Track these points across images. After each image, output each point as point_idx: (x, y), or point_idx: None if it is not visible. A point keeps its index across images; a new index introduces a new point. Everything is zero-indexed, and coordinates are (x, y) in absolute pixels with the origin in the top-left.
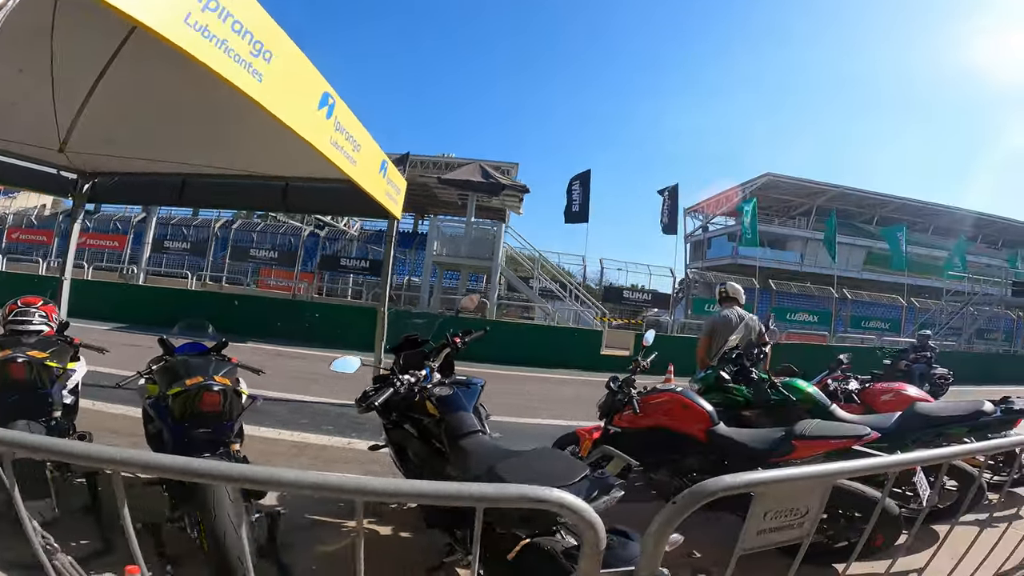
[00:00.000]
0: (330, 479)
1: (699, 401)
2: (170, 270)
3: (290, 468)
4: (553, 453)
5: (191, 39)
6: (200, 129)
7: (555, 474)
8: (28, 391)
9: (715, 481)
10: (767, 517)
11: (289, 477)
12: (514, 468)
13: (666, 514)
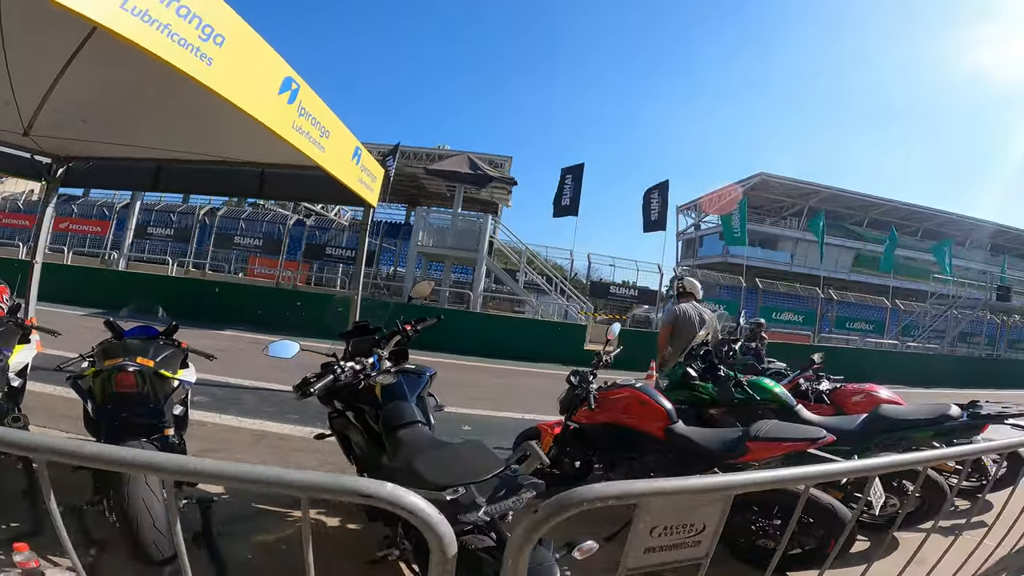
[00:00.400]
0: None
1: (658, 398)
2: (153, 256)
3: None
4: (477, 448)
5: (131, 26)
6: (173, 115)
7: (467, 469)
8: None
9: (586, 490)
10: (655, 533)
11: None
12: (431, 460)
13: (527, 524)
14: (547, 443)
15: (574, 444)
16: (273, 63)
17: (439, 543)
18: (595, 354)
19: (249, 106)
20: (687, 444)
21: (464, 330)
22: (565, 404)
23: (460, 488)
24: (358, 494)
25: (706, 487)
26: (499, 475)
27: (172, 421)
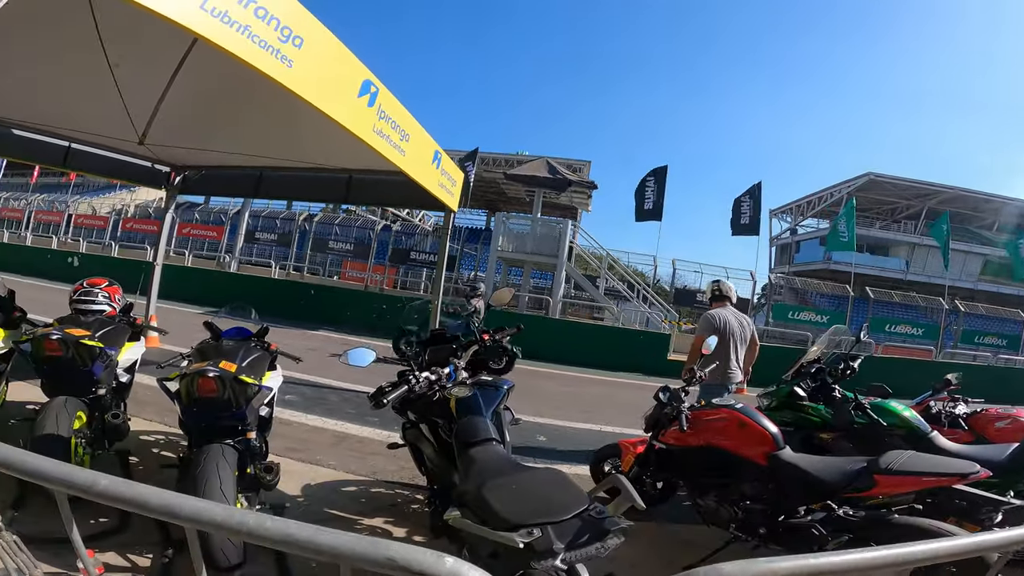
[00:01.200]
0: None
1: (761, 421)
2: (259, 260)
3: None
4: (556, 478)
5: (210, 26)
6: (270, 124)
7: (544, 505)
8: (69, 369)
9: (740, 569)
10: None
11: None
12: (504, 490)
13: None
14: (627, 461)
15: (659, 466)
16: (352, 66)
17: None
18: (684, 368)
19: (330, 108)
20: (794, 473)
21: (542, 337)
22: (651, 422)
23: (536, 530)
24: (409, 571)
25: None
26: (581, 514)
27: (255, 424)
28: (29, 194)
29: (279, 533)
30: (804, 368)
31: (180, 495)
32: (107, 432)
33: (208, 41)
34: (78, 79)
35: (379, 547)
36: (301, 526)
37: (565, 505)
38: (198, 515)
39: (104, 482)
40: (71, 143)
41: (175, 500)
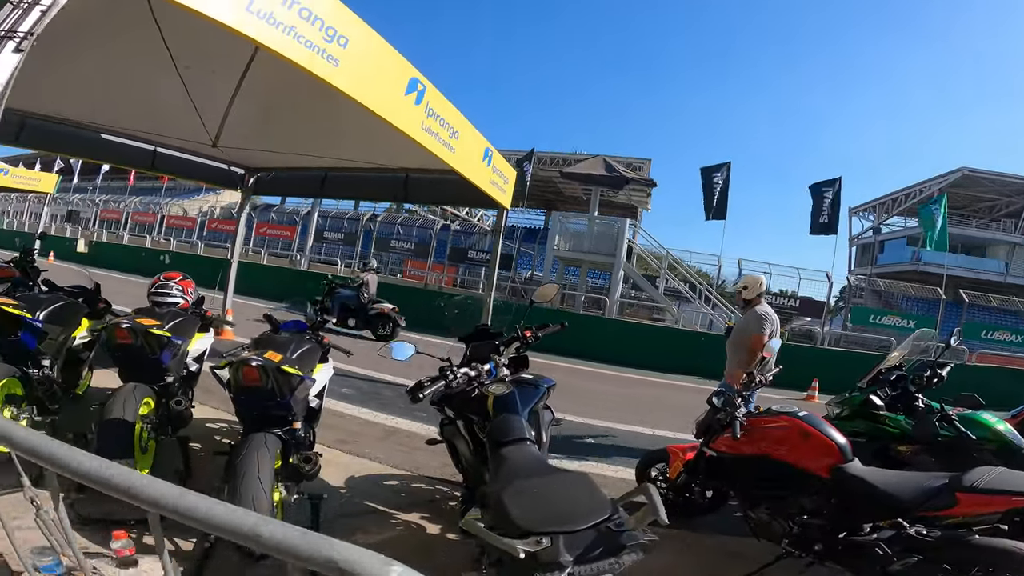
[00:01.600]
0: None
1: (827, 430)
2: (328, 258)
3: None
4: (581, 484)
5: (256, 26)
6: (331, 125)
7: (561, 511)
8: (138, 356)
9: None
10: None
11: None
12: (523, 493)
13: None
14: (676, 468)
15: (709, 474)
16: (398, 64)
17: None
18: (728, 370)
19: (377, 106)
20: (861, 488)
21: (599, 337)
22: (703, 428)
23: (544, 539)
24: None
25: None
26: (599, 525)
27: (302, 414)
28: (126, 196)
29: (223, 521)
30: (883, 375)
31: (147, 478)
32: (171, 419)
33: (254, 41)
34: (152, 85)
35: (322, 546)
36: (247, 515)
37: (584, 514)
38: (158, 499)
39: (84, 461)
40: (157, 147)
41: (138, 481)
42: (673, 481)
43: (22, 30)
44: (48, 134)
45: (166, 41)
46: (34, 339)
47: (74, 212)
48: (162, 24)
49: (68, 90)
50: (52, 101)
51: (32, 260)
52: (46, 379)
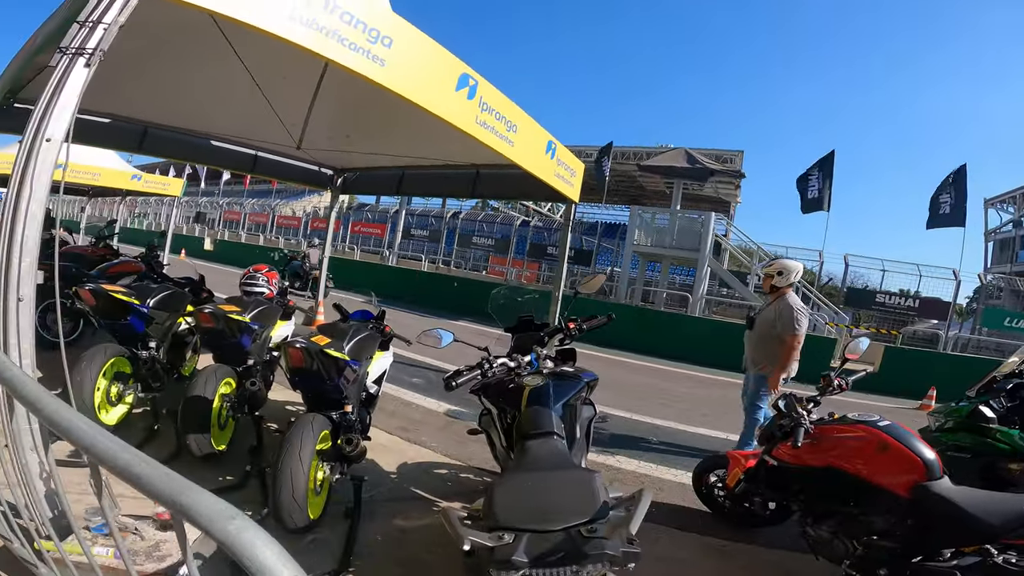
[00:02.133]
0: None
1: (911, 443)
2: (415, 254)
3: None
4: (579, 484)
5: (299, 33)
6: (401, 126)
7: (541, 509)
8: (220, 339)
9: None
10: None
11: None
12: (515, 487)
13: None
14: (734, 475)
15: (769, 484)
16: (446, 61)
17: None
18: (822, 375)
19: (428, 103)
20: (944, 509)
21: (681, 335)
22: (766, 434)
23: (507, 535)
24: (193, 520)
25: None
26: (571, 529)
27: (355, 398)
28: (244, 199)
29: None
30: (998, 383)
31: (99, 430)
32: (248, 399)
33: (298, 46)
34: (239, 95)
35: (175, 486)
36: (126, 448)
37: (561, 515)
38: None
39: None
40: (257, 152)
41: (79, 428)
42: (731, 489)
43: (89, 47)
44: (166, 141)
45: (238, 54)
46: (142, 323)
47: (201, 213)
48: (230, 38)
49: (177, 102)
50: (165, 112)
51: (156, 256)
52: (151, 360)
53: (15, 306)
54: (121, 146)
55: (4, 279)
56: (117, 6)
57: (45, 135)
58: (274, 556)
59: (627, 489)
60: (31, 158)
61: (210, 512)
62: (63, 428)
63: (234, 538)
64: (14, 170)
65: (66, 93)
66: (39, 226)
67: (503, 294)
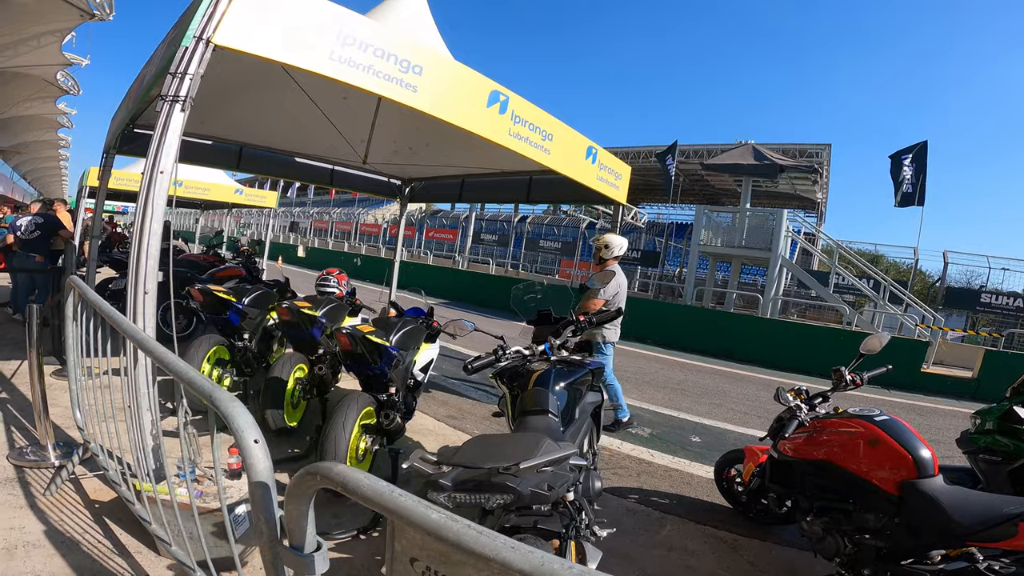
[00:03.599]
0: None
1: (904, 439)
2: (484, 258)
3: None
4: (529, 440)
5: (338, 70)
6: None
7: (486, 454)
8: (296, 330)
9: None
10: (416, 567)
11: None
12: (481, 440)
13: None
14: (749, 469)
15: (773, 478)
16: (476, 82)
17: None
18: (833, 369)
19: (460, 121)
20: (926, 509)
21: (750, 337)
22: (773, 428)
23: (445, 468)
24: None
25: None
26: (492, 469)
27: (400, 383)
28: (331, 208)
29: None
30: None
31: (176, 359)
32: (318, 383)
33: (339, 82)
34: (310, 117)
35: (207, 386)
36: (192, 371)
37: (496, 459)
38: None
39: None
40: (333, 166)
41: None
42: (747, 484)
43: (182, 94)
44: (258, 160)
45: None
46: (238, 318)
47: (295, 223)
48: (294, 74)
49: (264, 125)
50: (256, 134)
51: (253, 261)
52: (245, 349)
53: (142, 297)
54: (222, 164)
55: (134, 277)
56: (196, 61)
57: (159, 168)
58: (247, 424)
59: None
60: (151, 187)
61: (232, 410)
62: (189, 378)
63: (229, 410)
64: (139, 195)
65: (170, 134)
66: (159, 237)
67: (522, 289)
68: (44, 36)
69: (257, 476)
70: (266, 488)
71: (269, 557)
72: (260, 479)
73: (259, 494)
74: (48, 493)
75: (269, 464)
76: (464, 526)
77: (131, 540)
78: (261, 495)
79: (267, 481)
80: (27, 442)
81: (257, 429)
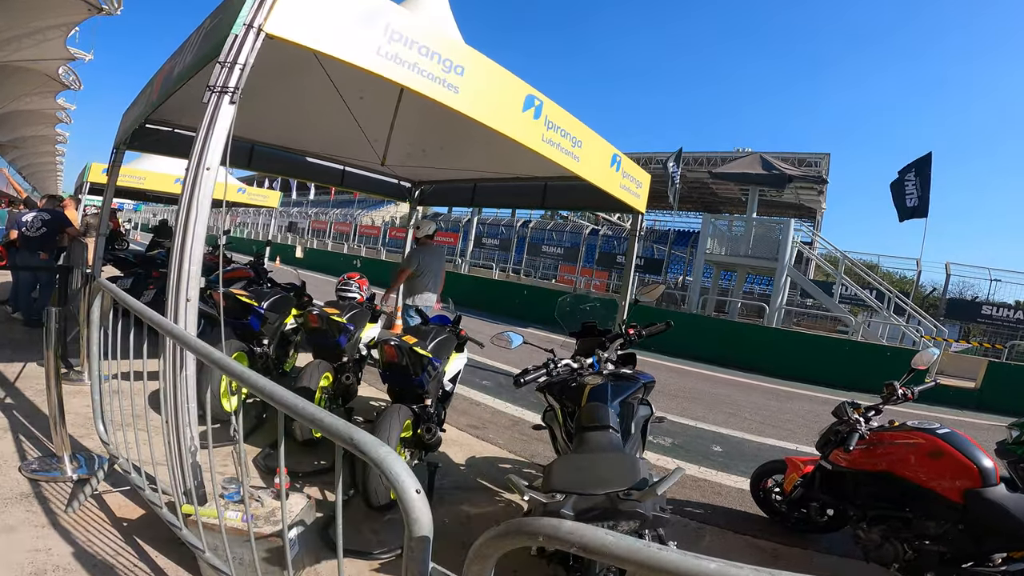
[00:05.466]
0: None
1: (968, 450)
2: (486, 262)
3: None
4: (621, 461)
5: (385, 66)
6: (474, 143)
7: (587, 479)
8: (323, 337)
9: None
10: None
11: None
12: (571, 463)
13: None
14: (791, 480)
15: (826, 488)
16: (513, 85)
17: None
18: (886, 383)
19: (498, 124)
20: (994, 516)
21: (756, 346)
22: (823, 439)
23: (559, 495)
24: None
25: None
26: (611, 494)
27: (435, 394)
28: (330, 208)
29: (285, 401)
30: None
31: (281, 388)
32: (342, 392)
33: (385, 79)
34: (331, 117)
35: (342, 428)
36: (320, 411)
37: (604, 483)
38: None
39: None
40: (345, 167)
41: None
42: (789, 494)
43: (231, 86)
44: (270, 158)
45: (333, 82)
46: (258, 322)
47: (293, 223)
48: (328, 69)
49: (278, 124)
50: (270, 133)
51: (262, 263)
52: (264, 355)
53: (184, 304)
54: (233, 163)
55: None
56: (247, 48)
57: (205, 164)
58: (404, 472)
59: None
60: (196, 185)
61: (367, 441)
62: (248, 379)
63: (382, 458)
64: (182, 194)
65: (218, 127)
66: (203, 239)
67: (569, 302)
68: (49, 30)
69: (420, 531)
70: (427, 543)
71: None
72: (423, 534)
73: (419, 550)
74: (70, 510)
75: (430, 518)
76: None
77: (168, 563)
78: (421, 551)
79: (428, 535)
80: (39, 453)
81: (415, 479)
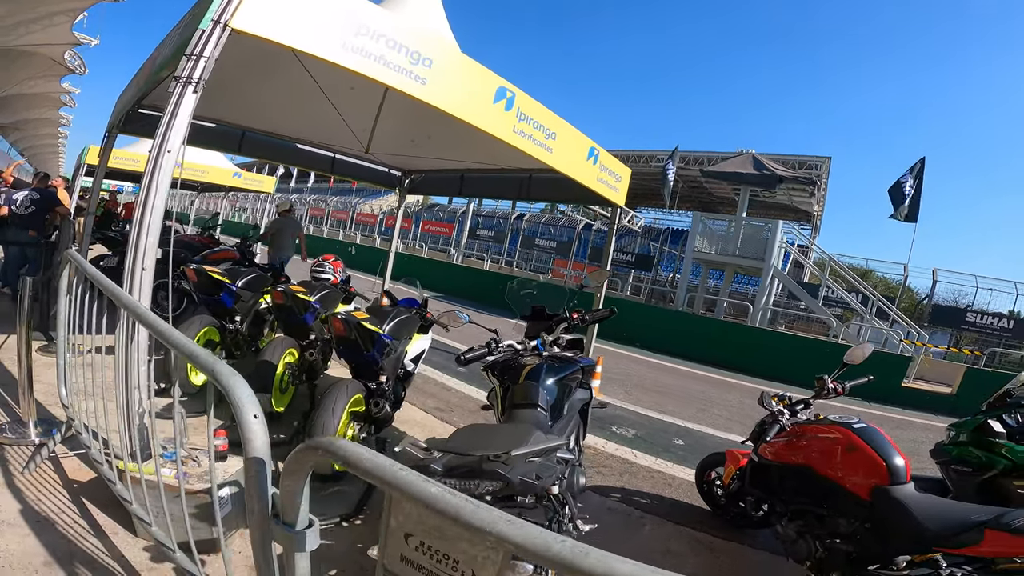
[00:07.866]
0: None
1: (879, 446)
2: (479, 254)
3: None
4: (517, 430)
5: (351, 59)
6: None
7: (476, 442)
8: (289, 314)
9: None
10: (411, 542)
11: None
12: (472, 429)
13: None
14: (729, 472)
15: (753, 482)
16: (483, 76)
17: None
18: (816, 377)
19: (465, 115)
20: (896, 515)
21: (739, 345)
22: (755, 432)
23: (436, 454)
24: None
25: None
26: (482, 456)
27: (391, 372)
28: (328, 196)
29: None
30: (1012, 397)
31: (172, 329)
32: (307, 369)
33: (350, 71)
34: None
35: (208, 358)
36: (195, 347)
37: (486, 448)
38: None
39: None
40: (335, 154)
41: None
42: (727, 487)
43: (195, 77)
44: (260, 144)
45: (316, 73)
46: (231, 300)
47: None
48: (308, 62)
49: (267, 110)
50: (258, 119)
51: (248, 245)
52: (236, 331)
53: (140, 273)
54: (224, 148)
55: (133, 252)
56: (212, 43)
57: (166, 147)
58: (247, 398)
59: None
60: (156, 165)
61: (223, 371)
62: (189, 351)
63: (232, 386)
64: (144, 174)
65: (180, 114)
66: (161, 214)
67: (517, 285)
68: (57, 15)
69: (255, 452)
70: (262, 464)
71: (258, 535)
72: (257, 455)
73: (255, 470)
74: (26, 471)
75: (267, 440)
76: (462, 499)
77: (108, 520)
78: (256, 471)
79: (264, 457)
80: (8, 419)
81: (257, 404)
